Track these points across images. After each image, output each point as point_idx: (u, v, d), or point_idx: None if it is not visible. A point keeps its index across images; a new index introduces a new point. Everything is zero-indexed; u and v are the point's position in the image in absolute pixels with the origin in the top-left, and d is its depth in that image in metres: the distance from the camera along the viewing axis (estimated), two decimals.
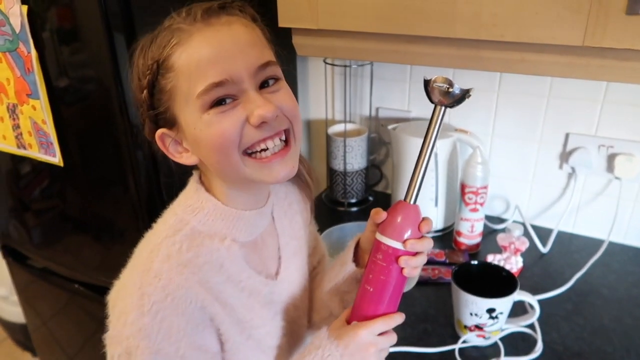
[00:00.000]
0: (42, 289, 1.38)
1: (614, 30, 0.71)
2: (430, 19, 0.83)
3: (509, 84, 1.13)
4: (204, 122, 0.53)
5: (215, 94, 0.53)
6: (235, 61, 0.53)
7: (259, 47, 0.56)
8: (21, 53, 0.93)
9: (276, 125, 0.55)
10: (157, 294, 0.54)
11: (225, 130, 0.53)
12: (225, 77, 0.52)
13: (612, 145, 1.07)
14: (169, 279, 0.54)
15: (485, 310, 0.82)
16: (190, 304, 0.55)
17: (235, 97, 0.54)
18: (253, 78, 0.54)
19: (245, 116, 0.53)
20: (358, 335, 0.58)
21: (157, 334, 0.53)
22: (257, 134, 0.54)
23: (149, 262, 0.56)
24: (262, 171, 0.56)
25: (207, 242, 0.59)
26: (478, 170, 1.04)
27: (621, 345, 0.85)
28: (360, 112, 1.34)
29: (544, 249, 1.11)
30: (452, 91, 0.54)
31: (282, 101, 0.56)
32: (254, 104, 0.53)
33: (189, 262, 0.56)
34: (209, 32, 0.53)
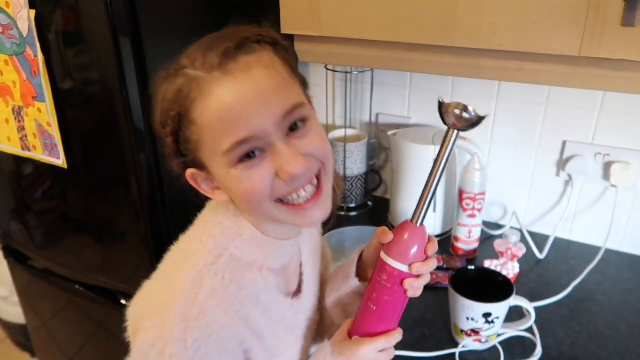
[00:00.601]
0: (43, 289, 1.39)
1: (609, 41, 0.73)
2: (431, 28, 0.85)
3: (507, 91, 1.14)
4: (233, 177, 0.53)
5: (242, 151, 0.51)
6: (260, 114, 0.50)
7: (283, 90, 0.52)
8: (28, 57, 0.94)
9: (308, 174, 0.54)
10: (202, 330, 0.53)
11: (255, 186, 0.53)
12: (251, 133, 0.50)
13: (608, 153, 1.09)
14: (214, 318, 0.54)
15: (482, 315, 0.83)
16: (232, 340, 0.56)
17: (262, 150, 0.52)
18: (279, 127, 0.52)
19: (274, 170, 0.52)
20: (360, 351, 0.59)
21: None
22: (288, 187, 0.54)
23: (194, 295, 0.54)
24: (296, 217, 0.56)
25: (247, 274, 0.58)
26: (476, 176, 1.06)
27: (616, 351, 0.86)
28: (360, 118, 1.35)
29: (540, 255, 1.12)
30: (466, 116, 0.53)
31: (312, 145, 0.54)
32: (283, 158, 0.52)
33: (233, 298, 0.56)
34: (228, 82, 0.50)
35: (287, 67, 0.55)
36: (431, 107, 1.24)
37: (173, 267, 0.59)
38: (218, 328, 0.54)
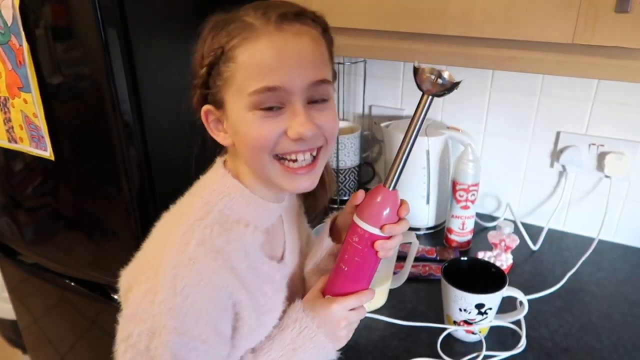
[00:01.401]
0: (34, 285, 1.38)
1: (603, 28, 0.72)
2: (423, 17, 0.84)
3: (500, 82, 1.13)
4: (247, 119, 0.57)
5: (265, 98, 0.55)
6: (293, 72, 0.55)
7: (319, 64, 0.58)
8: (13, 46, 0.92)
9: (312, 142, 0.59)
10: (192, 277, 0.55)
11: (263, 135, 0.56)
12: (279, 84, 0.55)
13: (602, 143, 1.08)
14: (204, 265, 0.56)
15: (474, 306, 0.82)
16: (221, 290, 0.57)
17: (282, 106, 0.56)
18: (304, 92, 0.56)
19: (285, 127, 0.56)
20: (331, 310, 0.63)
21: (185, 316, 0.54)
22: (292, 146, 0.58)
23: (184, 245, 0.56)
24: (285, 179, 0.60)
25: (235, 228, 0.60)
26: (469, 167, 1.05)
27: (609, 341, 0.86)
28: (353, 110, 1.34)
29: (534, 246, 1.12)
30: (441, 81, 0.54)
31: (325, 121, 0.59)
32: (297, 119, 0.56)
33: (221, 248, 0.58)
34: (277, 37, 0.55)
35: (328, 52, 0.61)
36: None
37: (165, 228, 0.62)
38: (207, 274, 0.56)
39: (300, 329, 0.63)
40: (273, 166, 0.59)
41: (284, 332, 0.64)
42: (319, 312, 0.64)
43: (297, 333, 0.64)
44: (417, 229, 1.18)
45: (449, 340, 0.86)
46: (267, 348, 0.65)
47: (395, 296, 0.97)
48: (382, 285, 0.92)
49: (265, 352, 0.64)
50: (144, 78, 0.93)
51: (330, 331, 0.64)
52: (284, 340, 0.64)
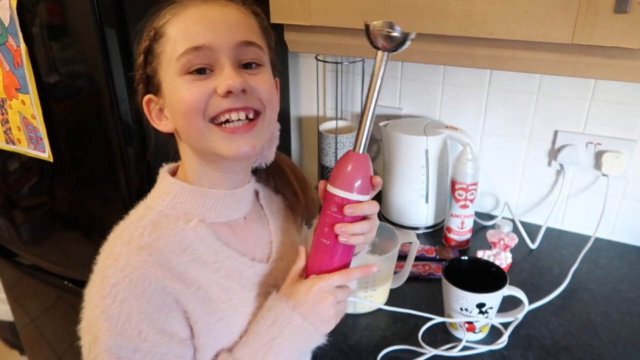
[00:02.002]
0: (31, 286, 1.37)
1: (602, 28, 0.72)
2: (422, 16, 0.84)
3: (499, 81, 1.14)
4: (178, 85, 0.56)
5: (192, 59, 0.55)
6: (218, 33, 0.56)
7: (247, 29, 0.59)
8: (10, 47, 0.92)
9: (244, 100, 0.57)
10: (116, 275, 0.54)
11: (193, 96, 0.56)
12: (204, 42, 0.55)
13: (599, 142, 1.09)
14: (127, 262, 0.55)
15: (476, 305, 0.82)
16: (150, 285, 0.55)
17: (211, 69, 0.56)
18: (232, 53, 0.57)
19: (214, 87, 0.56)
20: (315, 288, 0.60)
21: (118, 317, 0.54)
22: (223, 103, 0.56)
23: (111, 247, 0.57)
24: (223, 142, 0.57)
25: (171, 225, 0.59)
26: (468, 167, 1.05)
27: (608, 339, 0.86)
28: (351, 109, 1.34)
29: (532, 245, 1.12)
30: (394, 35, 0.53)
31: (258, 84, 0.58)
32: (224, 74, 0.56)
33: (148, 245, 0.57)
34: (203, 7, 0.57)
35: (260, 30, 0.61)
36: (423, 97, 1.23)
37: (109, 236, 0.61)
38: (130, 270, 0.54)
39: (275, 315, 0.60)
40: (210, 131, 0.57)
41: (259, 323, 0.61)
42: (297, 294, 0.60)
43: (272, 321, 0.60)
44: (416, 228, 1.19)
45: (450, 338, 0.87)
46: (243, 343, 0.61)
47: (396, 296, 0.97)
48: (382, 285, 0.93)
49: (241, 348, 0.61)
50: None
51: (315, 313, 0.60)
52: (259, 332, 0.60)
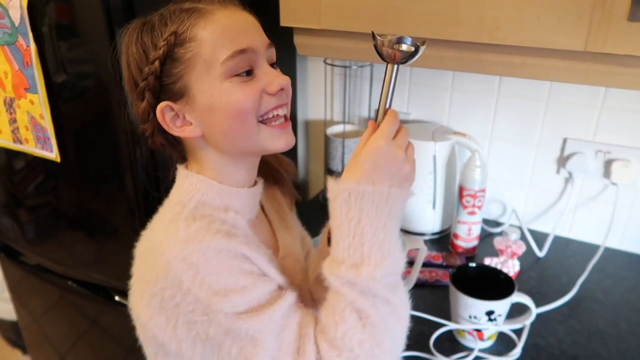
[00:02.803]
0: (35, 285, 1.37)
1: (615, 36, 0.71)
2: (433, 22, 0.83)
3: (508, 87, 1.13)
4: (225, 89, 0.57)
5: (239, 62, 0.57)
6: (254, 35, 0.59)
7: (263, 31, 0.62)
8: (20, 46, 0.92)
9: (284, 97, 0.61)
10: (186, 247, 0.53)
11: (247, 97, 0.57)
12: (249, 45, 0.57)
13: (609, 150, 1.08)
14: (187, 235, 0.54)
15: (484, 313, 0.82)
16: (222, 249, 0.55)
17: (252, 69, 0.59)
18: (266, 53, 0.60)
19: (262, 86, 0.58)
20: (381, 147, 0.54)
21: (217, 280, 0.53)
22: (274, 101, 0.59)
23: (173, 235, 0.55)
24: (275, 137, 0.60)
25: (215, 213, 0.59)
26: (476, 173, 1.05)
27: (616, 349, 0.85)
28: (359, 114, 1.34)
29: (540, 253, 1.11)
30: (404, 48, 0.53)
31: (286, 81, 0.61)
32: (272, 74, 0.59)
33: (210, 224, 0.56)
34: (228, 11, 0.59)
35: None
36: (431, 103, 1.23)
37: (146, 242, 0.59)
38: (198, 238, 0.54)
39: (345, 200, 0.53)
40: (260, 130, 0.59)
41: (337, 219, 0.54)
42: (360, 167, 0.54)
43: (346, 208, 0.53)
44: (423, 234, 1.18)
45: (457, 347, 0.86)
46: (334, 245, 0.55)
47: None
48: None
49: (335, 249, 0.55)
50: None
51: (393, 173, 0.54)
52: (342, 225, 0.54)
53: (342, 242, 0.54)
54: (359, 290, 0.53)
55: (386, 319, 0.54)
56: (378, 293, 0.53)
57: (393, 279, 0.55)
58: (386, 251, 0.54)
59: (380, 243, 0.53)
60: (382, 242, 0.54)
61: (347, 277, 0.53)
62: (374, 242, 0.53)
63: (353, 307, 0.53)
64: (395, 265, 0.55)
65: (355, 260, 0.53)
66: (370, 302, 0.53)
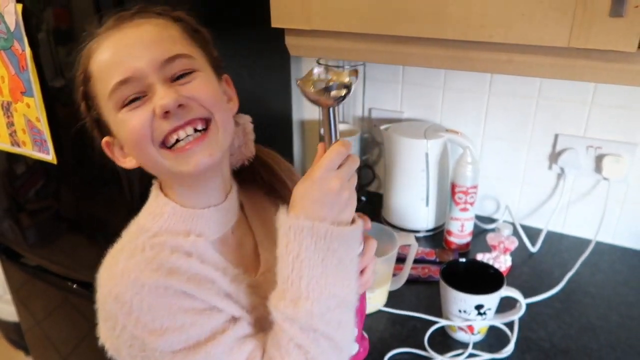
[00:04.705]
0: (37, 288, 1.38)
1: (598, 32, 0.72)
2: (420, 20, 0.85)
3: (499, 85, 1.14)
4: (119, 121, 0.55)
5: (124, 93, 0.54)
6: (138, 58, 0.54)
7: (168, 42, 0.56)
8: (15, 51, 0.94)
9: (185, 114, 0.55)
10: (131, 288, 0.53)
11: (135, 125, 0.54)
12: (129, 74, 0.53)
13: (600, 146, 1.09)
14: (137, 275, 0.53)
15: (474, 307, 0.83)
16: (168, 288, 0.54)
17: (145, 94, 0.54)
18: (159, 72, 0.54)
19: (152, 109, 0.54)
20: (312, 180, 0.53)
21: (153, 320, 0.52)
22: (166, 124, 0.54)
23: (112, 268, 0.56)
24: (180, 162, 0.55)
25: (170, 240, 0.58)
26: (468, 170, 1.06)
27: (607, 342, 0.86)
28: (353, 113, 1.35)
29: (533, 248, 1.12)
30: (333, 93, 0.50)
31: (195, 91, 0.55)
32: (159, 95, 0.54)
33: (153, 257, 0.55)
34: (116, 35, 0.55)
35: (185, 34, 0.59)
36: (424, 101, 1.24)
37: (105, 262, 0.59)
38: (145, 280, 0.53)
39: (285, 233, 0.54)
40: (163, 156, 0.55)
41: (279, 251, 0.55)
42: (295, 199, 0.54)
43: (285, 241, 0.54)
44: (417, 231, 1.19)
45: (448, 341, 0.87)
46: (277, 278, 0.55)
47: (394, 298, 0.97)
48: (381, 287, 0.93)
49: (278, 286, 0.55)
50: None
51: (328, 206, 0.53)
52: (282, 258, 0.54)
53: (281, 275, 0.54)
54: (299, 326, 0.53)
55: (328, 354, 0.54)
56: (318, 329, 0.53)
57: (337, 316, 0.54)
58: (324, 287, 0.53)
59: (318, 278, 0.53)
60: (320, 278, 0.53)
61: (287, 314, 0.53)
62: (311, 276, 0.53)
63: (295, 343, 0.53)
64: (335, 301, 0.54)
65: (293, 295, 0.53)
66: (310, 338, 0.53)
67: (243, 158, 0.69)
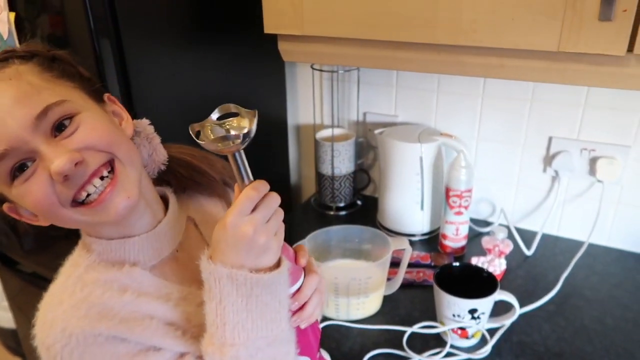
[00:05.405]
0: (33, 294, 1.36)
1: (587, 36, 0.73)
2: (411, 25, 0.85)
3: (493, 88, 1.14)
4: (17, 196, 0.51)
5: (7, 165, 0.49)
6: (7, 126, 0.48)
7: (31, 96, 0.49)
8: None
9: (84, 169, 0.50)
10: (60, 339, 0.51)
11: (37, 197, 0.49)
12: (5, 147, 0.48)
13: (594, 148, 1.09)
14: (65, 324, 0.52)
15: (467, 311, 0.83)
16: (100, 335, 0.52)
17: (31, 159, 0.49)
18: (36, 132, 0.49)
19: (48, 175, 0.49)
20: (224, 226, 0.50)
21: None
22: (69, 189, 0.50)
23: (44, 316, 0.54)
24: (99, 214, 0.52)
25: (102, 275, 0.56)
26: (462, 173, 1.06)
27: (601, 345, 0.86)
28: (348, 117, 1.35)
29: (528, 251, 1.12)
30: (232, 143, 0.48)
31: (83, 139, 0.51)
32: (47, 159, 0.49)
33: (83, 299, 0.53)
34: None
35: (45, 74, 0.53)
36: (418, 105, 1.24)
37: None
38: (73, 329, 0.52)
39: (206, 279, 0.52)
40: (79, 213, 0.51)
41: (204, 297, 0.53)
42: (212, 246, 0.52)
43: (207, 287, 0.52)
44: (412, 235, 1.19)
45: (443, 344, 0.87)
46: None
47: (389, 302, 0.97)
48: (375, 291, 0.93)
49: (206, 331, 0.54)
50: (137, 88, 0.94)
51: (239, 253, 0.51)
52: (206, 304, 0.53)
53: (208, 319, 0.53)
54: None
55: None
56: None
57: (270, 353, 0.54)
58: (251, 330, 0.52)
59: (244, 323, 0.52)
60: (246, 322, 0.52)
61: (215, 358, 0.53)
62: (236, 322, 0.52)
63: None
64: (265, 341, 0.53)
65: (219, 339, 0.52)
66: None
67: (158, 164, 0.64)
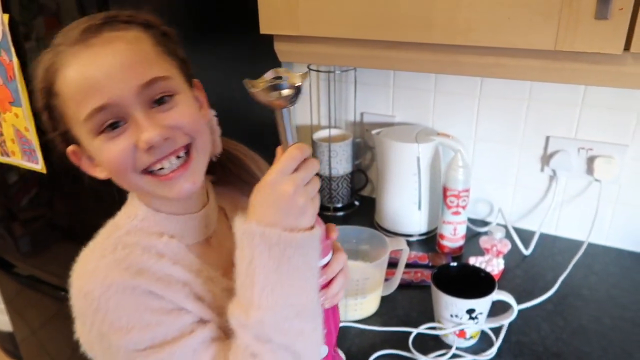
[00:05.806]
0: (30, 297, 1.38)
1: (584, 35, 0.72)
2: (408, 25, 0.85)
3: (490, 88, 1.14)
4: (96, 147, 0.54)
5: (100, 119, 0.52)
6: (115, 83, 0.51)
7: (144, 64, 0.53)
8: (3, 61, 0.93)
9: (169, 145, 0.54)
10: (99, 287, 0.53)
11: (115, 157, 0.53)
12: (106, 100, 0.51)
13: (591, 147, 1.09)
14: (106, 274, 0.54)
15: (465, 311, 0.82)
16: (136, 288, 0.54)
17: (124, 120, 0.53)
18: (139, 98, 0.52)
19: (134, 141, 0.52)
20: (264, 186, 0.51)
21: (119, 318, 0.53)
22: (149, 157, 0.53)
23: (84, 266, 0.56)
24: (162, 188, 0.55)
25: (143, 239, 0.58)
26: (459, 173, 1.06)
27: (599, 345, 0.86)
28: (345, 118, 1.35)
29: (526, 251, 1.12)
30: (284, 94, 0.50)
31: (177, 119, 0.54)
32: (142, 127, 0.52)
33: (124, 258, 0.55)
34: (86, 54, 0.51)
35: (158, 47, 0.56)
36: (415, 105, 1.24)
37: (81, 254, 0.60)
38: (113, 279, 0.53)
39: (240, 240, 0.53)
40: (144, 181, 0.55)
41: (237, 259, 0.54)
42: (251, 207, 0.53)
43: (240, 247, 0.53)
44: (410, 235, 1.19)
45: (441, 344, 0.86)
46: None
47: (387, 303, 0.97)
48: (373, 292, 0.93)
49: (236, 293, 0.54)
50: None
51: (277, 212, 0.51)
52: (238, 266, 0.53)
53: (237, 281, 0.53)
54: (252, 334, 0.52)
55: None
56: (273, 339, 0.52)
57: (297, 325, 0.53)
58: (280, 295, 0.52)
59: (273, 285, 0.51)
60: (275, 285, 0.51)
61: (240, 320, 0.53)
62: (265, 284, 0.51)
63: (250, 352, 0.52)
64: (293, 310, 0.52)
65: (246, 302, 0.52)
66: (266, 348, 0.52)
67: (212, 155, 0.66)
